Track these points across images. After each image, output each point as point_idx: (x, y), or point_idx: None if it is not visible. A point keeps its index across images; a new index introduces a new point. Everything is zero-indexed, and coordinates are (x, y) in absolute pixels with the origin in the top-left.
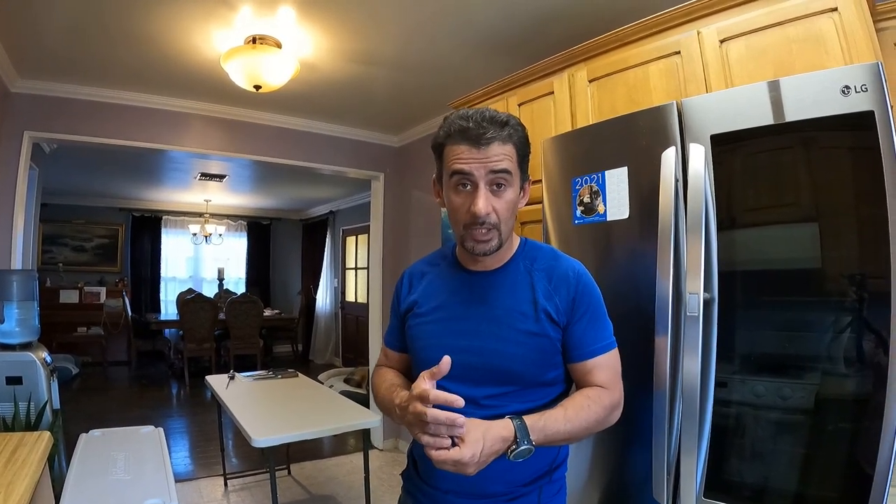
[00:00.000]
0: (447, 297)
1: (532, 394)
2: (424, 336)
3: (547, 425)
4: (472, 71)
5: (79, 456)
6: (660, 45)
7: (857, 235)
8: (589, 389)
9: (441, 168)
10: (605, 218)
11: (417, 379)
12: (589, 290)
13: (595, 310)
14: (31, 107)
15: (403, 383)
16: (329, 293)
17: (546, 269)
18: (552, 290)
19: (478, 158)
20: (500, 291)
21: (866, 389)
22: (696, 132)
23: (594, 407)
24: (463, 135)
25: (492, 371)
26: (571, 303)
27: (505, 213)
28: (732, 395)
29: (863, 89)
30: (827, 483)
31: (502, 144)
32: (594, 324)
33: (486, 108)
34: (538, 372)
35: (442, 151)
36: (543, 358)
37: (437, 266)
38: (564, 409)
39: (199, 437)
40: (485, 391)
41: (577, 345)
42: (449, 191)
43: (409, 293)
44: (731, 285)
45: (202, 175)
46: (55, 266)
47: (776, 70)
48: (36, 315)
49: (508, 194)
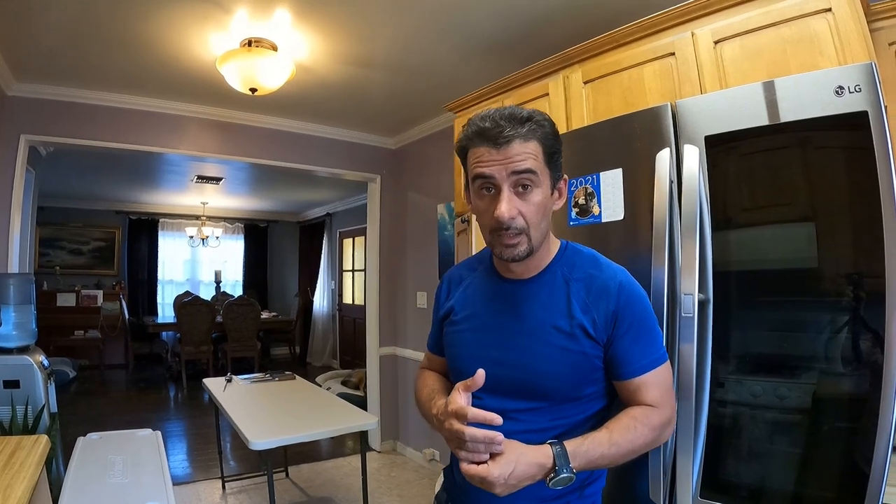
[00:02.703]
0: (481, 305)
1: (567, 409)
2: (457, 344)
3: (590, 450)
4: (467, 73)
5: (76, 459)
6: (654, 46)
7: (852, 235)
8: (635, 409)
9: (466, 173)
10: (600, 219)
11: (452, 392)
12: (633, 301)
13: (641, 323)
14: (27, 110)
15: (443, 388)
16: (326, 295)
17: (585, 279)
18: (590, 302)
19: (498, 160)
20: (534, 303)
21: (863, 389)
22: (690, 133)
23: (641, 429)
24: (482, 136)
25: (523, 385)
26: (612, 316)
27: (534, 216)
28: (729, 396)
29: (857, 90)
30: (824, 482)
31: (524, 142)
32: (640, 338)
33: (509, 106)
34: (572, 388)
35: (465, 156)
36: (578, 375)
37: (474, 271)
38: (609, 432)
39: (196, 440)
40: (516, 405)
41: (621, 363)
42: (474, 196)
43: (446, 299)
44: (727, 286)
45: (199, 178)
46: (52, 269)
47: (770, 71)
48: (33, 318)
49: (536, 196)
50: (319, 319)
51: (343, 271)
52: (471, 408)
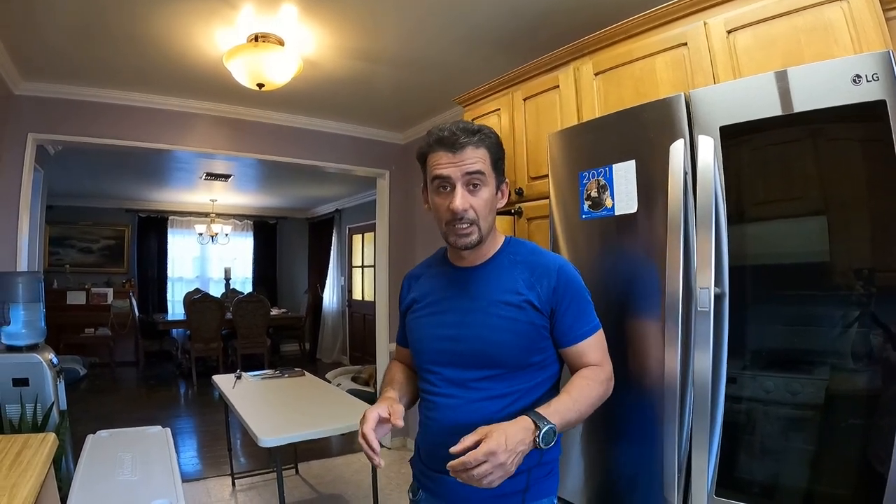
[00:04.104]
0: (438, 292)
1: (520, 376)
2: (418, 328)
3: (558, 408)
4: (475, 67)
5: (86, 457)
6: (666, 36)
7: (867, 229)
8: (584, 370)
9: (425, 176)
10: (613, 212)
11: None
12: (570, 280)
13: (579, 298)
14: (34, 109)
15: (402, 378)
16: (336, 291)
17: (528, 262)
18: (534, 280)
19: (454, 162)
20: (484, 283)
21: (876, 385)
22: (704, 124)
23: (593, 384)
24: (440, 143)
25: (479, 356)
26: (553, 292)
27: (482, 209)
28: (742, 391)
29: (874, 78)
30: (838, 480)
31: (475, 149)
32: (580, 311)
33: (461, 121)
34: (522, 355)
35: (425, 161)
36: (527, 342)
37: (431, 267)
38: (569, 393)
39: (206, 437)
40: (473, 374)
41: (566, 332)
42: (432, 194)
43: (408, 293)
44: (741, 280)
45: (207, 175)
46: (62, 268)
47: (784, 60)
48: (42, 316)
49: (484, 193)
50: (329, 316)
51: (352, 267)
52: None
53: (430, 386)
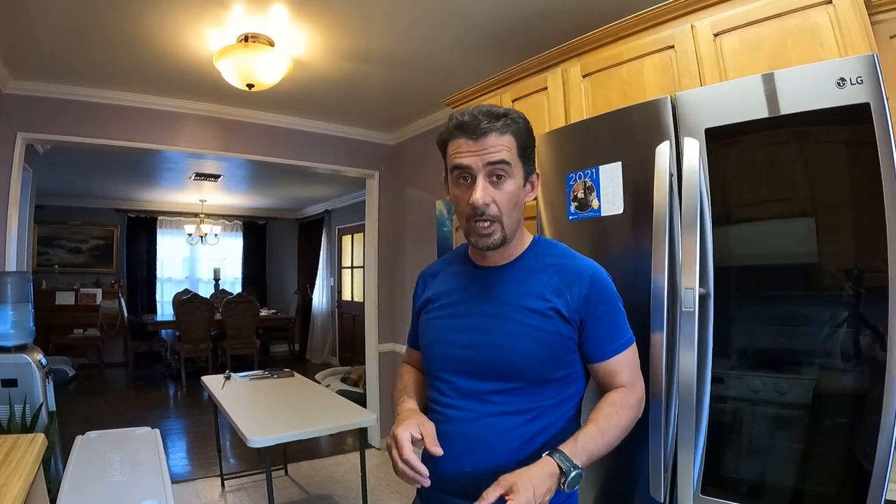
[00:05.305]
0: (457, 293)
1: (540, 392)
2: (432, 330)
3: (585, 445)
4: (465, 68)
5: (75, 458)
6: (653, 39)
7: (854, 230)
8: (611, 395)
9: (446, 164)
10: (600, 213)
11: (405, 436)
12: (605, 288)
13: (613, 309)
14: (23, 108)
15: (416, 385)
16: (325, 292)
17: (557, 266)
18: (563, 286)
19: (475, 151)
20: (508, 287)
21: (864, 384)
22: (690, 126)
23: (622, 411)
24: (461, 129)
25: (497, 366)
26: (584, 300)
27: (506, 204)
28: (729, 391)
29: (858, 81)
30: (825, 478)
31: (499, 135)
32: (613, 323)
33: (486, 104)
34: (546, 369)
35: (445, 148)
36: (552, 354)
37: (450, 264)
38: (596, 424)
39: (196, 438)
40: (489, 386)
41: (597, 346)
42: (452, 186)
43: (423, 292)
44: (727, 280)
45: (197, 175)
46: (51, 268)
47: (771, 63)
48: (30, 317)
49: (508, 186)
50: (318, 316)
51: (342, 268)
52: (412, 457)
53: (440, 396)
